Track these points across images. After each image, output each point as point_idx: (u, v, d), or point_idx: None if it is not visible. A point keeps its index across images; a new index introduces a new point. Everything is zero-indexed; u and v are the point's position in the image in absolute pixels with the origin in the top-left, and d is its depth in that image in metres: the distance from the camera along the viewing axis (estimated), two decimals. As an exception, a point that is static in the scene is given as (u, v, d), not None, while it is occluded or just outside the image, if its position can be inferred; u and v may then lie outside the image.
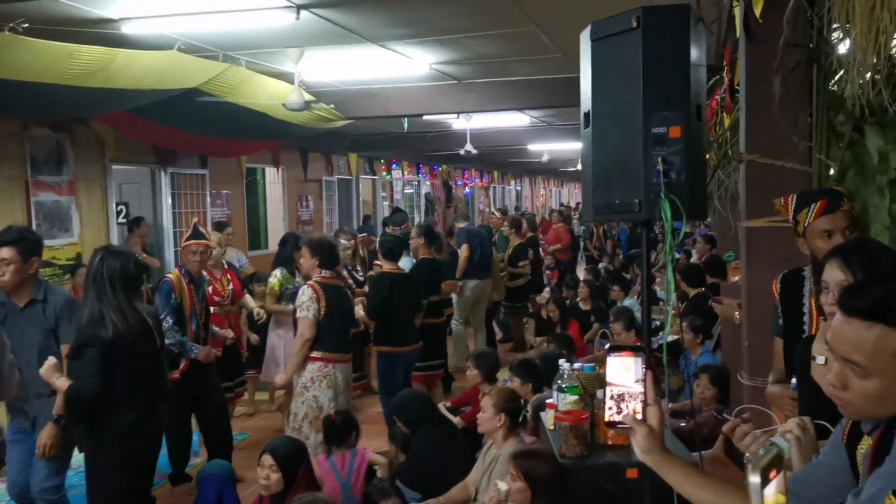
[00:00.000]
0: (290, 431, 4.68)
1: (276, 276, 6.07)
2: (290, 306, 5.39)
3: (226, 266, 6.00)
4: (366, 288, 6.61)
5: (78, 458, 3.53)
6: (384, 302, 5.60)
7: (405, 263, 6.35)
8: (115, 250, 3.52)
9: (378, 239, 7.07)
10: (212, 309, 5.33)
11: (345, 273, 6.40)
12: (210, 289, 5.40)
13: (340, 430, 4.24)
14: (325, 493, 3.95)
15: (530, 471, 2.90)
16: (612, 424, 1.74)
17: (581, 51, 2.63)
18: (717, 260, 7.13)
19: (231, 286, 5.70)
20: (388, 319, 5.64)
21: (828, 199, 2.47)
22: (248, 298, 6.24)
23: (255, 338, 6.51)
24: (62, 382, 3.23)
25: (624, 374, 1.74)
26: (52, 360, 3.29)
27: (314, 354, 4.71)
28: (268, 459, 3.44)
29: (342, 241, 6.79)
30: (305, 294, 4.71)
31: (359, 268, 7.32)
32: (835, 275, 2.02)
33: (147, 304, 4.12)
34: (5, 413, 3.79)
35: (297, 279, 5.96)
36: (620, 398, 1.73)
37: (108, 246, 3.62)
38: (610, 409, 1.73)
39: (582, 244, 13.43)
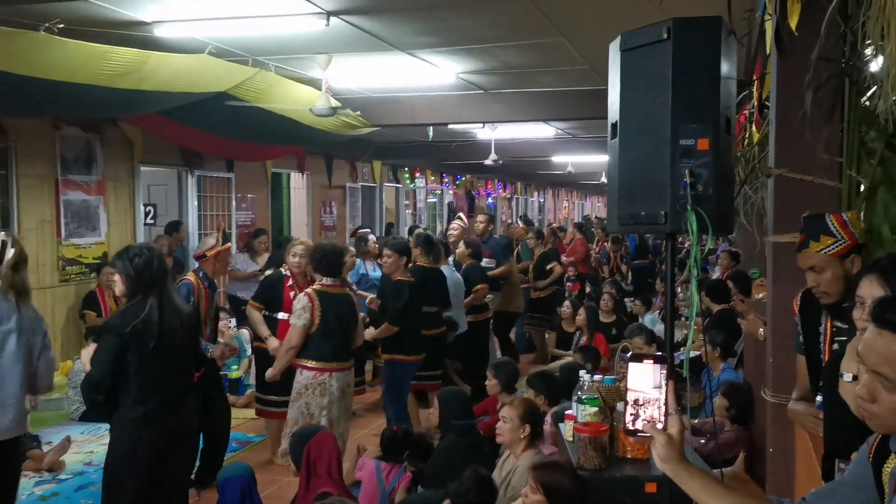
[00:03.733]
0: (284, 438, 4.71)
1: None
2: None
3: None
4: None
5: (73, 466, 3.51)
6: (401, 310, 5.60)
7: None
8: (149, 248, 3.56)
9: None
10: (285, 315, 5.33)
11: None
12: (292, 294, 5.42)
13: (394, 447, 4.25)
14: (364, 491, 4.03)
15: (550, 483, 2.88)
16: (632, 433, 1.72)
17: (610, 61, 2.62)
18: (741, 275, 7.04)
19: None
20: (402, 328, 5.64)
21: (804, 235, 2.45)
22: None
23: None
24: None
25: (644, 380, 1.73)
26: (92, 346, 3.33)
27: (308, 364, 4.71)
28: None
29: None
30: (300, 302, 4.72)
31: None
32: (872, 290, 2.00)
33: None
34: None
35: None
36: (640, 405, 1.71)
37: (144, 244, 3.62)
38: (631, 415, 1.71)
39: (605, 255, 13.31)
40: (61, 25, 4.41)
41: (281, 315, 5.39)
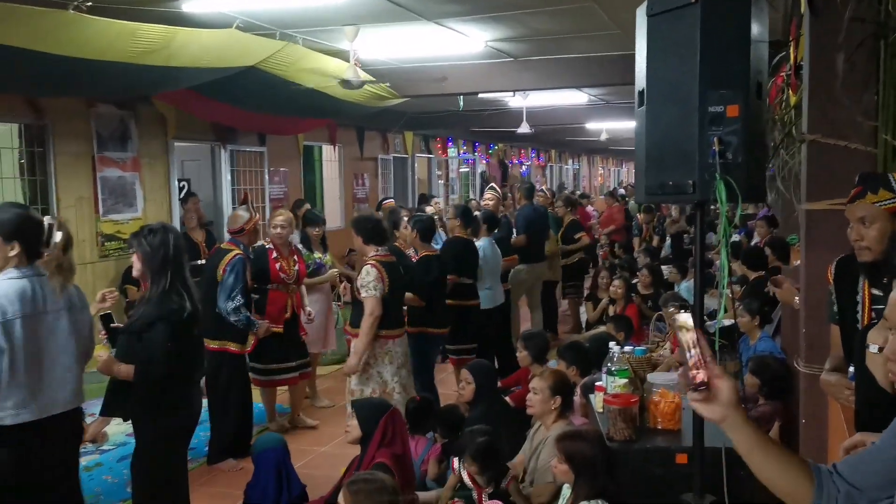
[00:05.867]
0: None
1: None
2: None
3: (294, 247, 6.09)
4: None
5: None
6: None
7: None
8: (171, 227, 3.58)
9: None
10: (274, 285, 5.50)
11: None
12: (278, 266, 5.53)
13: (419, 417, 4.30)
14: None
15: (574, 452, 2.88)
16: (699, 386, 1.52)
17: (637, 27, 2.56)
18: (779, 242, 6.90)
19: (297, 266, 5.77)
20: (430, 301, 5.65)
21: (861, 187, 2.38)
22: None
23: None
24: (125, 369, 3.29)
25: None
26: (107, 354, 3.35)
27: (378, 332, 4.72)
28: (350, 410, 3.72)
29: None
30: (371, 274, 4.67)
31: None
32: None
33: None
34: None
35: (315, 254, 6.37)
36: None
37: (163, 224, 3.66)
38: (691, 358, 1.52)
39: (636, 226, 13.12)
40: (90, 3, 4.44)
41: (270, 286, 5.51)
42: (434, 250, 5.83)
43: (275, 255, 5.55)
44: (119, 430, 5.55)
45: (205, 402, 4.55)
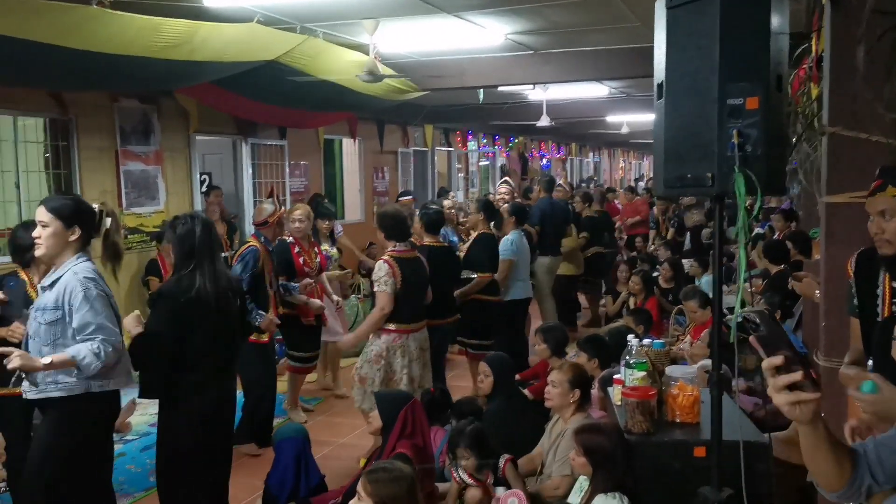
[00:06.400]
0: (360, 393, 4.82)
1: None
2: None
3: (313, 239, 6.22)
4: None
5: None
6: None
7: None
8: (197, 216, 3.64)
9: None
10: (302, 280, 5.60)
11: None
12: (301, 260, 5.59)
13: (435, 408, 4.33)
14: None
15: (591, 445, 2.90)
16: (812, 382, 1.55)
17: (655, 19, 2.55)
18: (801, 235, 6.85)
19: (318, 258, 5.85)
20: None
21: (882, 180, 2.36)
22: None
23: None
24: (137, 331, 3.40)
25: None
26: (136, 312, 3.46)
27: (389, 327, 4.79)
28: (373, 400, 3.85)
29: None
30: (382, 269, 4.76)
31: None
32: None
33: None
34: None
35: (324, 246, 6.45)
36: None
37: (194, 212, 3.76)
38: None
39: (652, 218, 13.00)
40: (112, -1, 4.49)
41: (298, 280, 5.61)
42: (440, 242, 5.88)
43: (297, 249, 5.62)
44: (142, 419, 5.64)
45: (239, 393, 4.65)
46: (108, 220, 3.29)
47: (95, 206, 3.29)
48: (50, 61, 4.78)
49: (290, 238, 5.70)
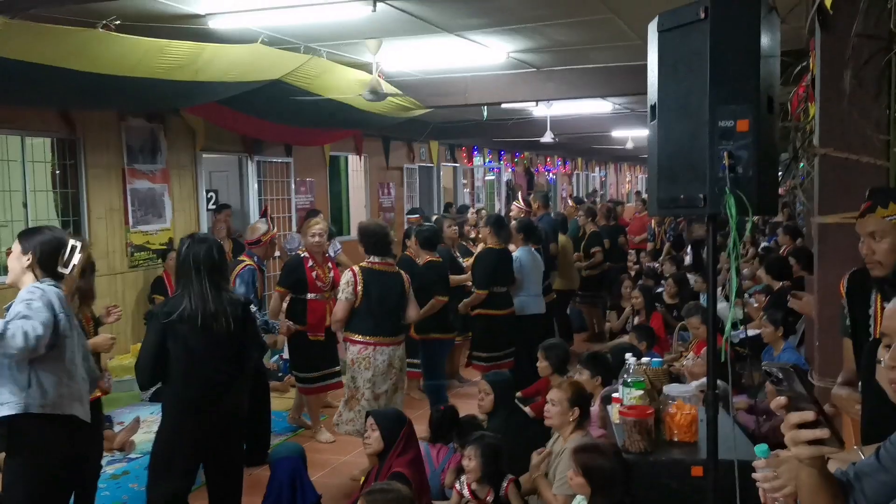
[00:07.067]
0: (342, 405, 4.89)
1: None
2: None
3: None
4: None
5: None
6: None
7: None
8: (199, 238, 3.70)
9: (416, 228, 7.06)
10: (313, 295, 5.60)
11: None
12: (314, 274, 5.61)
13: (443, 427, 4.37)
14: None
15: (589, 465, 2.90)
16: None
17: (648, 42, 2.59)
18: (804, 252, 6.84)
19: (332, 273, 5.85)
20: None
21: (871, 201, 2.38)
22: None
23: None
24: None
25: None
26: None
27: (355, 338, 4.83)
28: (371, 420, 3.78)
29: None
30: (345, 277, 4.90)
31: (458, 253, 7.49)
32: None
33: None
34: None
35: None
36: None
37: (194, 234, 3.81)
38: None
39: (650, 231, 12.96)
40: (118, 22, 4.56)
41: (309, 296, 5.59)
42: (437, 257, 5.91)
43: (310, 263, 5.63)
44: (146, 438, 5.65)
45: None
46: (78, 258, 3.26)
47: (72, 241, 3.27)
48: (58, 83, 4.86)
49: (304, 252, 5.71)
